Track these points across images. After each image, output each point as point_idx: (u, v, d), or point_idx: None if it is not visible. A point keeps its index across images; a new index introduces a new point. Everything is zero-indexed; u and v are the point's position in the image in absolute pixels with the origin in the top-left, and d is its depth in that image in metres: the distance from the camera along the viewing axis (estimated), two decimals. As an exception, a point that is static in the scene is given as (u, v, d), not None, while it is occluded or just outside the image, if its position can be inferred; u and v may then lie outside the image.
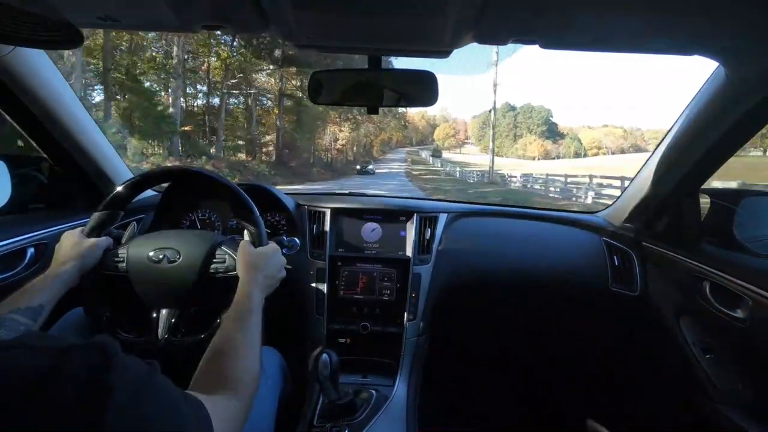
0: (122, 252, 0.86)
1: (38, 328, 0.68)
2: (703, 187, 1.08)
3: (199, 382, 0.57)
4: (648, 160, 1.18)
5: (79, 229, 0.87)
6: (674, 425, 1.19)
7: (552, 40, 0.74)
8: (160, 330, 0.85)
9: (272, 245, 0.89)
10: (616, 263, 1.30)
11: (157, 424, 0.35)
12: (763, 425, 0.89)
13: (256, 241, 0.88)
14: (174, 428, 0.37)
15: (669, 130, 1.07)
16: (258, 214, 0.90)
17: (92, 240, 0.84)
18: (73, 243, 0.82)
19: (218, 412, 0.46)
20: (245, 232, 0.91)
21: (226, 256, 0.86)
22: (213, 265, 0.86)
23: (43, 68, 0.99)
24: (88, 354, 0.33)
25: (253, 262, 0.82)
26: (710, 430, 1.01)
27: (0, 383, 0.29)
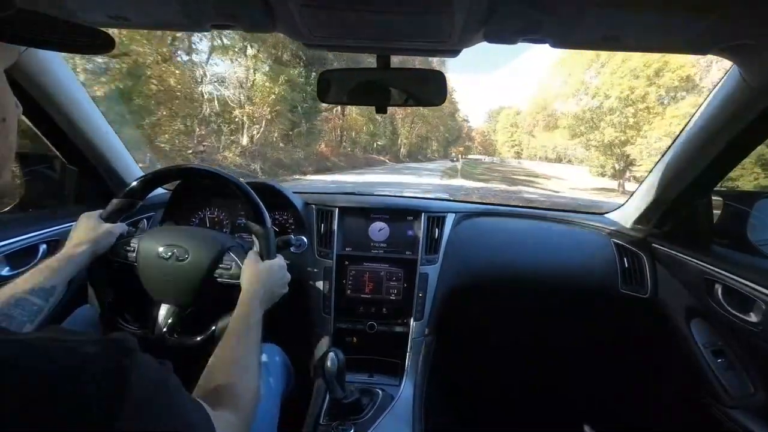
0: (134, 242, 0.87)
1: (49, 309, 0.70)
2: (716, 188, 1.07)
3: (200, 397, 0.57)
4: (659, 160, 1.16)
5: (98, 212, 0.88)
6: (684, 428, 1.17)
7: (561, 39, 0.74)
8: (156, 326, 0.86)
9: (279, 260, 0.88)
10: (626, 265, 1.28)
11: (171, 423, 0.35)
12: None
13: (264, 254, 0.87)
14: (185, 430, 0.38)
15: (682, 130, 1.05)
16: (270, 226, 0.89)
17: (108, 225, 0.86)
18: (89, 226, 0.84)
19: (219, 427, 0.46)
20: (254, 243, 0.90)
21: (233, 264, 0.86)
22: (218, 270, 0.86)
23: (55, 67, 1.00)
24: (109, 351, 0.33)
25: (257, 276, 0.81)
26: None
27: (21, 380, 0.28)
